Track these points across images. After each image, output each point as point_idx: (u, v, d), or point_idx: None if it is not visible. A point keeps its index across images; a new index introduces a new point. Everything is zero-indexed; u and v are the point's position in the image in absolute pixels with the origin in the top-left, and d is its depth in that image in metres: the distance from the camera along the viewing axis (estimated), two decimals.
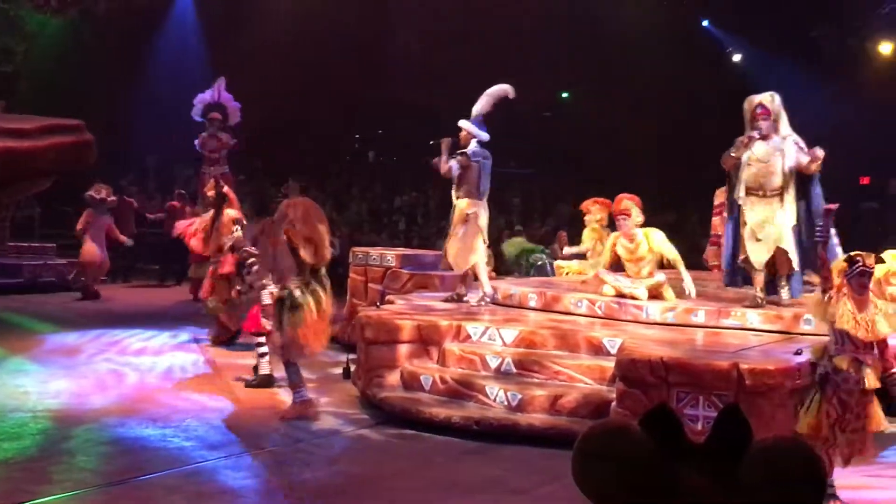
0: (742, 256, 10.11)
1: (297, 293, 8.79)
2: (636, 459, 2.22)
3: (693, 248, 16.28)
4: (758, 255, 9.99)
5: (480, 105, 11.56)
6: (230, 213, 12.59)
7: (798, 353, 8.29)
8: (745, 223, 10.05)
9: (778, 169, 9.92)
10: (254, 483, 7.03)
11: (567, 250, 14.20)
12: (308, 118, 25.53)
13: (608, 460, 2.30)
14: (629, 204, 11.09)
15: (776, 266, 10.13)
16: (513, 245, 17.34)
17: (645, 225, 11.10)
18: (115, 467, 7.05)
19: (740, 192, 10.03)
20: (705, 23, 24.59)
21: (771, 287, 10.23)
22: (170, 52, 22.39)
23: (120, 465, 7.07)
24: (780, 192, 9.97)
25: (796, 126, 10.07)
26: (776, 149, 9.93)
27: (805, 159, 9.87)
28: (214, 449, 7.72)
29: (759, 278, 10.09)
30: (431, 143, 11.52)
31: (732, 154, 9.96)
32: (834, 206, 7.52)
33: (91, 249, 17.00)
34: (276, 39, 22.04)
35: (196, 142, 17.94)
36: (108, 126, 19.76)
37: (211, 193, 12.98)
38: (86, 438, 7.84)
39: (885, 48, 22.49)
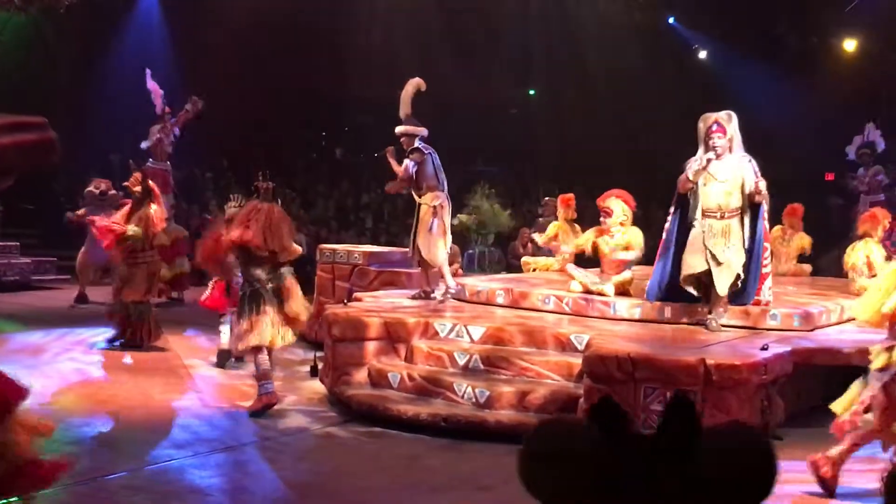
0: (684, 275, 9.60)
1: (258, 287, 8.82)
2: (581, 456, 2.21)
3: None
4: (722, 280, 9.42)
5: (403, 107, 11.64)
6: (154, 208, 12.20)
7: (764, 348, 8.35)
8: (703, 247, 9.45)
9: (737, 190, 9.47)
10: (220, 482, 7.00)
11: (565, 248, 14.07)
12: (274, 115, 25.45)
13: (552, 459, 2.29)
14: (614, 202, 11.13)
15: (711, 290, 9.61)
16: (470, 219, 16.83)
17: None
18: (81, 467, 6.98)
19: (697, 213, 9.57)
20: (671, 20, 24.68)
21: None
22: (134, 49, 22.21)
23: (85, 465, 7.01)
24: (738, 214, 9.52)
25: (762, 124, 10.01)
26: (734, 169, 9.47)
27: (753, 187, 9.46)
28: (181, 447, 7.68)
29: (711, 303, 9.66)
30: (377, 154, 11.67)
31: (691, 178, 9.51)
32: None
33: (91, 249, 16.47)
34: (242, 35, 21.95)
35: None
36: (71, 123, 19.58)
37: (137, 189, 12.44)
38: (50, 438, 7.77)
39: (848, 45, 22.67)
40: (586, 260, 11.78)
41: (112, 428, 8.20)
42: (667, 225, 10.06)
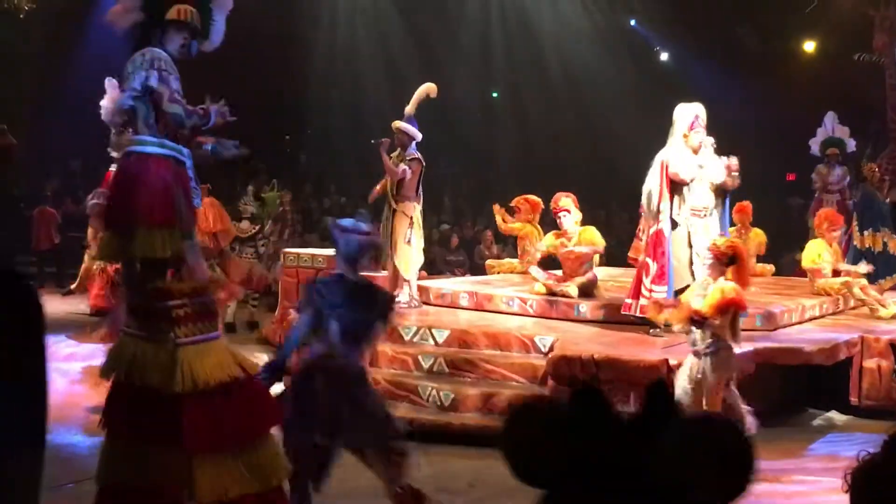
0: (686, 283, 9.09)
1: None
2: (562, 435, 2.23)
3: (623, 244, 16.42)
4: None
5: (411, 106, 11.55)
6: None
7: None
8: (689, 246, 9.28)
9: (708, 185, 9.35)
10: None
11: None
12: (236, 119, 25.29)
13: (533, 438, 2.31)
14: (568, 202, 11.14)
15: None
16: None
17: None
18: (45, 475, 6.91)
19: (686, 210, 9.36)
20: (632, 22, 24.79)
21: None
22: (94, 54, 22.03)
23: (49, 473, 6.92)
24: (711, 211, 9.42)
25: (723, 125, 9.97)
26: (706, 163, 9.32)
27: (723, 175, 9.29)
28: None
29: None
30: (373, 142, 11.47)
31: (687, 178, 9.20)
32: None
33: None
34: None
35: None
36: (32, 129, 19.47)
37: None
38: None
39: (808, 46, 22.87)
40: (550, 262, 11.80)
41: (76, 436, 8.13)
42: (661, 228, 9.43)
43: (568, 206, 11.10)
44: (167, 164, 6.30)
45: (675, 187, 9.35)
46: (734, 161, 9.27)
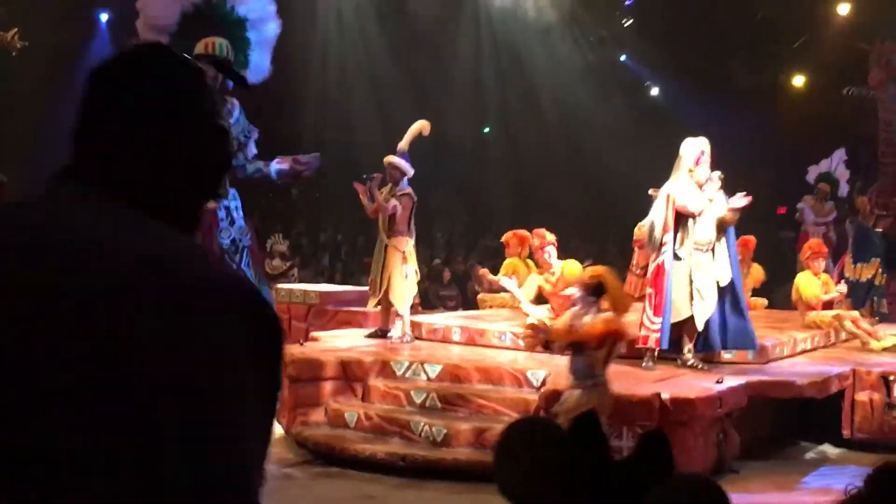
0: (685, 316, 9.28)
1: None
2: (554, 462, 2.23)
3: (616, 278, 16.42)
4: (702, 315, 9.29)
5: (404, 141, 11.59)
6: None
7: (719, 381, 8.42)
8: (690, 281, 9.27)
9: (713, 219, 9.40)
10: None
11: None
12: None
13: (526, 461, 2.31)
14: (546, 234, 11.19)
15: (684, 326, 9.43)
16: None
17: (564, 257, 11.20)
18: None
19: (689, 244, 9.36)
20: (623, 58, 24.92)
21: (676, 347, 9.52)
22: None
23: None
24: (713, 246, 9.45)
25: (714, 159, 9.99)
26: (709, 198, 9.39)
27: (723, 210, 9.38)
28: None
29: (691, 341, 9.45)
30: (364, 176, 11.50)
31: (695, 213, 9.27)
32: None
33: None
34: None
35: None
36: (23, 168, 19.42)
37: None
38: None
39: (797, 80, 23.02)
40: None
41: None
42: (663, 261, 9.44)
43: (548, 238, 11.16)
44: None
45: (680, 221, 9.39)
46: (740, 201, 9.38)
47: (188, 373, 1.34)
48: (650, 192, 11.11)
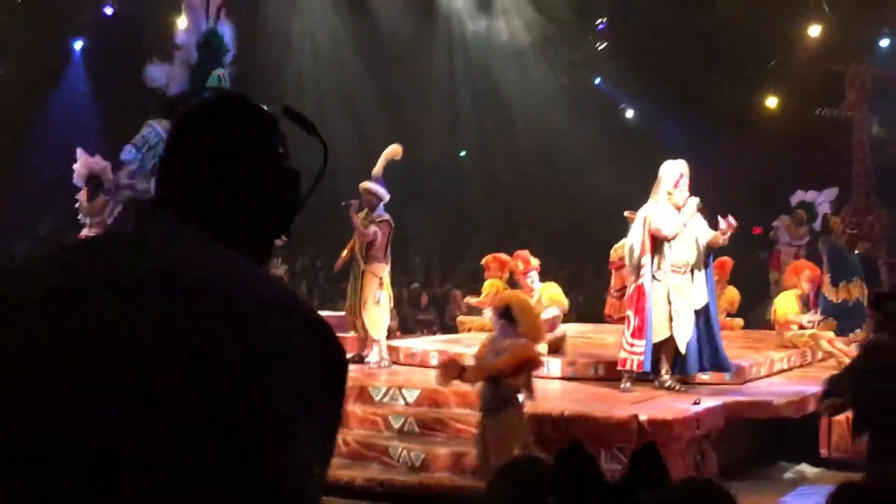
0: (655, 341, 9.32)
1: None
2: (544, 492, 2.25)
3: (592, 300, 16.48)
4: (682, 337, 9.35)
5: (378, 166, 11.61)
6: None
7: (696, 403, 8.44)
8: (669, 302, 9.32)
9: (693, 242, 9.44)
10: None
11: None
12: None
13: (518, 496, 2.33)
14: (528, 256, 11.20)
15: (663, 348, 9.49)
16: None
17: (543, 279, 11.22)
18: None
19: (665, 267, 9.41)
20: (597, 80, 25.04)
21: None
22: (61, 116, 22.02)
23: None
24: (692, 269, 9.47)
25: (689, 179, 10.00)
26: (687, 221, 9.43)
27: (710, 234, 9.43)
28: None
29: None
30: (343, 203, 11.52)
31: (669, 236, 9.32)
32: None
33: None
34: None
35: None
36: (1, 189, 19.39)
37: None
38: None
39: (771, 101, 23.20)
40: None
41: None
42: (643, 283, 9.48)
43: (530, 259, 11.17)
44: None
45: (657, 243, 9.43)
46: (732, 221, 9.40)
47: (267, 391, 1.49)
48: (626, 214, 11.19)
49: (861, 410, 5.77)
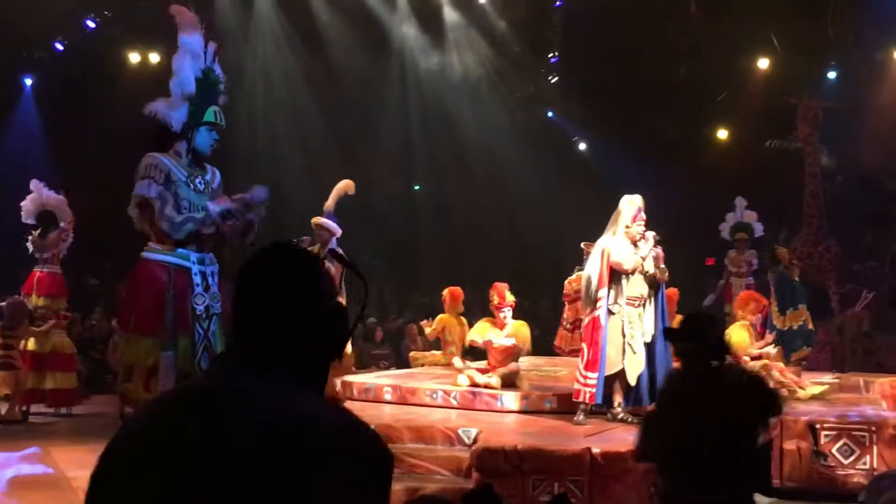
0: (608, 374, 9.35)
1: None
2: None
3: (547, 333, 16.53)
4: (633, 370, 9.40)
5: (330, 201, 11.61)
6: None
7: None
8: (623, 334, 9.36)
9: (647, 276, 9.51)
10: None
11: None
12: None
13: None
14: (512, 300, 11.17)
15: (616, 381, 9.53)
16: None
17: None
18: None
19: (621, 300, 9.42)
20: (549, 114, 25.21)
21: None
22: (14, 152, 21.84)
23: None
24: (644, 302, 9.56)
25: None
26: (645, 255, 9.50)
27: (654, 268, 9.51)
28: None
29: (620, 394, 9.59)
30: (294, 241, 11.48)
31: (629, 269, 9.37)
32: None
33: None
34: (121, 129, 21.61)
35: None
36: None
37: None
38: None
39: (721, 133, 23.48)
40: (474, 351, 11.82)
41: None
42: (598, 315, 9.48)
43: (507, 296, 11.17)
44: (165, 270, 6.46)
45: (614, 276, 9.46)
46: (660, 251, 9.52)
47: None
48: (582, 245, 11.24)
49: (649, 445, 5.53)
